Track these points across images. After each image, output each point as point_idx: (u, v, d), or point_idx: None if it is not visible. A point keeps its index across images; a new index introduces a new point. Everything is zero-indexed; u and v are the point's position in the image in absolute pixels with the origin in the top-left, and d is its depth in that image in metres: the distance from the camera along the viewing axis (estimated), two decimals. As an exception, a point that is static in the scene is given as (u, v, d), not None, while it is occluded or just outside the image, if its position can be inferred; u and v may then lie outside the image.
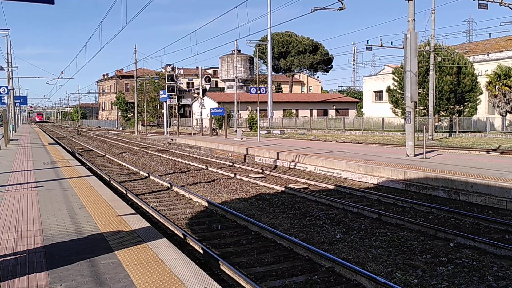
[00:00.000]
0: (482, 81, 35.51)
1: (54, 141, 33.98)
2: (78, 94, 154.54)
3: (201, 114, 45.05)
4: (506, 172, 12.23)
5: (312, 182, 14.29)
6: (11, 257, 5.32)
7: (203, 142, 28.74)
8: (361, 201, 11.50)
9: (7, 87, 27.02)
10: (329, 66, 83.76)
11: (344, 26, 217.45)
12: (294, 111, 63.14)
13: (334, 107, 68.17)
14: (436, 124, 34.28)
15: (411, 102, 16.62)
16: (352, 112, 66.70)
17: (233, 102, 53.44)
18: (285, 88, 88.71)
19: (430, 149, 20.06)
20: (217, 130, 47.97)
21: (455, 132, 34.69)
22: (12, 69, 47.62)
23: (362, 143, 28.63)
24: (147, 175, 16.52)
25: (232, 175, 16.10)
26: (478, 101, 35.57)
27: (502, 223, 8.76)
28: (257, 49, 63.54)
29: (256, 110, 32.21)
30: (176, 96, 38.83)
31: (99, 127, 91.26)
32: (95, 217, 7.26)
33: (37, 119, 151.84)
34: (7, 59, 45.02)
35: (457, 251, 7.31)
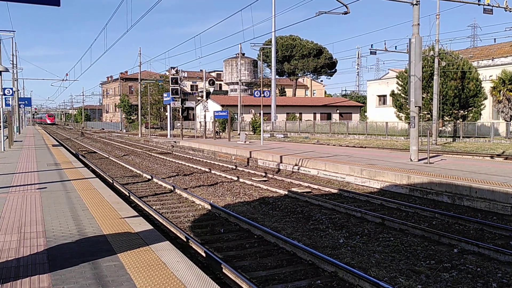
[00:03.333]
0: (487, 86, 35.40)
1: (57, 143, 34.06)
2: (82, 96, 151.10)
3: (205, 117, 45.07)
4: (511, 178, 12.17)
5: (315, 186, 14.25)
6: (14, 258, 5.32)
7: (206, 145, 28.75)
8: (364, 205, 11.46)
9: (11, 88, 27.06)
10: (333, 70, 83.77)
11: (349, 30, 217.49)
12: (298, 115, 63.11)
13: (338, 111, 68.11)
14: (440, 129, 34.17)
15: (415, 106, 16.59)
16: (355, 116, 66.62)
17: (237, 105, 53.49)
18: (289, 91, 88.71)
19: (434, 154, 19.99)
20: (221, 133, 47.98)
21: (459, 137, 34.57)
22: (17, 70, 47.85)
23: (365, 147, 28.57)
24: (150, 177, 16.52)
25: (235, 178, 16.08)
26: (483, 106, 35.46)
27: (506, 229, 8.70)
28: (261, 52, 63.68)
29: (260, 113, 32.22)
30: (180, 99, 38.90)
31: (103, 129, 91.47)
32: (98, 219, 7.26)
33: (48, 121, 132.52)
34: (12, 61, 45.22)
35: (461, 257, 7.26)
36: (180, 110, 41.35)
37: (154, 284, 4.49)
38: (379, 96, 53.96)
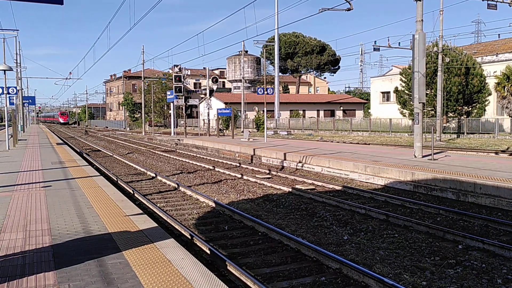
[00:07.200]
0: (491, 82, 35.25)
1: (62, 141, 34.17)
2: (86, 95, 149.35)
3: (208, 115, 45.14)
4: (515, 174, 12.11)
5: (319, 183, 14.25)
6: (20, 256, 5.34)
7: (210, 143, 28.77)
8: (368, 202, 11.44)
9: (15, 87, 27.18)
10: (336, 67, 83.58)
11: (352, 27, 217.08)
12: (301, 112, 63.05)
13: (341, 108, 67.99)
14: (444, 125, 34.07)
15: (419, 103, 16.54)
16: (359, 113, 66.48)
17: (240, 103, 53.47)
18: (292, 88, 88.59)
19: (438, 150, 19.94)
20: (224, 131, 48.01)
21: (463, 133, 34.46)
22: (20, 69, 48.03)
23: (369, 144, 28.52)
24: (154, 175, 16.56)
25: (239, 176, 16.09)
26: (487, 102, 35.32)
27: (511, 225, 8.68)
28: (264, 49, 63.54)
29: (263, 110, 32.21)
30: (183, 97, 38.90)
31: (107, 127, 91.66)
32: (102, 217, 7.29)
33: (61, 120, 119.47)
34: (16, 60, 45.39)
35: (466, 253, 7.25)
36: (184, 108, 41.35)
37: (159, 281, 4.50)
38: (382, 92, 53.83)
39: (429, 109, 35.18)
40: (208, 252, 7.15)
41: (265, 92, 29.60)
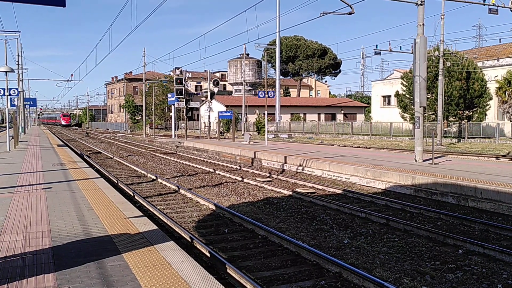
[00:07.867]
0: (492, 87, 35.27)
1: (62, 143, 34.20)
2: (87, 97, 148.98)
3: (209, 118, 45.17)
4: (516, 179, 12.10)
5: (320, 187, 14.24)
6: (20, 258, 5.34)
7: (210, 145, 28.78)
8: (369, 206, 11.44)
9: (17, 89, 27.24)
10: (338, 71, 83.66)
11: (353, 31, 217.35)
12: (302, 115, 63.05)
13: (342, 112, 67.99)
14: (445, 129, 34.06)
15: (420, 107, 16.54)
16: (360, 117, 66.46)
17: (241, 106, 53.51)
18: (293, 92, 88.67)
19: (439, 155, 19.92)
20: (225, 134, 47.99)
21: (464, 137, 34.45)
22: (22, 71, 48.11)
23: (370, 148, 28.50)
24: (154, 177, 16.56)
25: (240, 179, 16.09)
26: (488, 106, 35.33)
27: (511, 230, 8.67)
28: (265, 53, 63.65)
29: (264, 113, 32.22)
30: (184, 99, 38.93)
31: (108, 129, 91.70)
32: (103, 219, 7.29)
33: (63, 122, 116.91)
34: (18, 61, 45.43)
35: (466, 257, 7.24)
36: (185, 110, 41.41)
37: (159, 284, 4.50)
38: (383, 96, 53.86)
39: (430, 113, 35.19)
40: (208, 255, 7.15)
41: (266, 95, 29.63)
